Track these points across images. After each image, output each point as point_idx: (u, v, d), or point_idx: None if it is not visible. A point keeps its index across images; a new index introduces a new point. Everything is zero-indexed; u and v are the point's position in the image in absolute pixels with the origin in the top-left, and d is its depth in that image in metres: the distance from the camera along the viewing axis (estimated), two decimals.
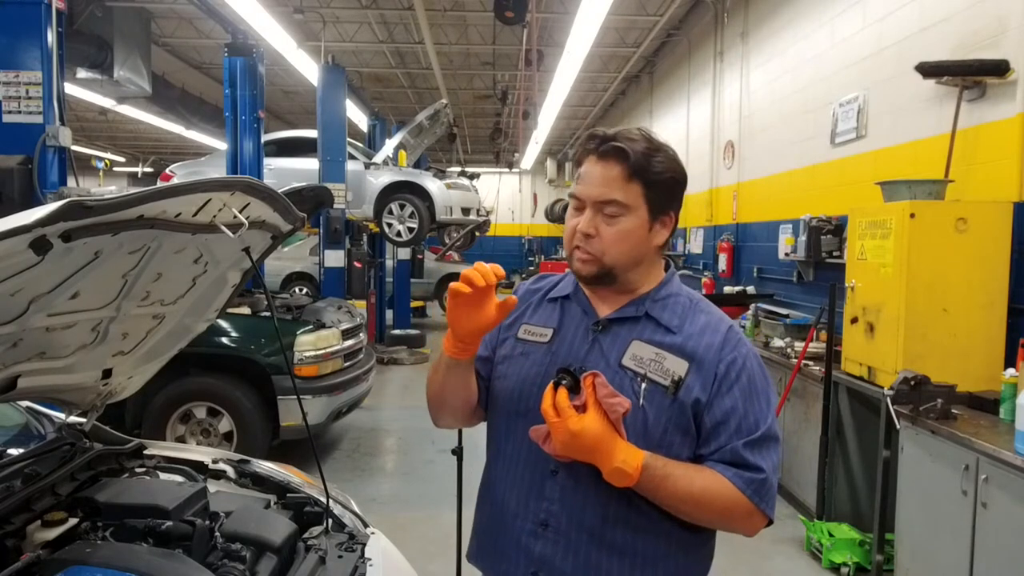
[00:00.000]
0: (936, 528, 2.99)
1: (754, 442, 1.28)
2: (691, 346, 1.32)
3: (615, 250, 1.32)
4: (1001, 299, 3.45)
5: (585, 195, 1.33)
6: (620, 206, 1.31)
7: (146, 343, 1.99)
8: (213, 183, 1.44)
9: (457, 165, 17.81)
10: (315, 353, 4.90)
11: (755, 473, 1.26)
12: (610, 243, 1.32)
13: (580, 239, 1.33)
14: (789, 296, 6.16)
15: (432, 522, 4.20)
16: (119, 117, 14.53)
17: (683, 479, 1.24)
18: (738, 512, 1.27)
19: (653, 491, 1.24)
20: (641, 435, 1.28)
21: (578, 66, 8.54)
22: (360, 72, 12.40)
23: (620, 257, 1.33)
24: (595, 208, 1.32)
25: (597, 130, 1.36)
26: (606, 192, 1.31)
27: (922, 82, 4.05)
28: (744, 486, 1.25)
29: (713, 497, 1.25)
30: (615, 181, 1.31)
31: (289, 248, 11.71)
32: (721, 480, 1.26)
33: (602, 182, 1.31)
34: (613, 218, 1.31)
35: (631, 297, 1.39)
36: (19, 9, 4.20)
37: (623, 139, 1.31)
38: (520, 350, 1.43)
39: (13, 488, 1.70)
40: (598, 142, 1.33)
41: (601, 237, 1.32)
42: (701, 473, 1.27)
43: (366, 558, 1.82)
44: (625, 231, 1.32)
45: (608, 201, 1.31)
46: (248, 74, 7.06)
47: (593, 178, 1.32)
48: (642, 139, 1.32)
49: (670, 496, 1.25)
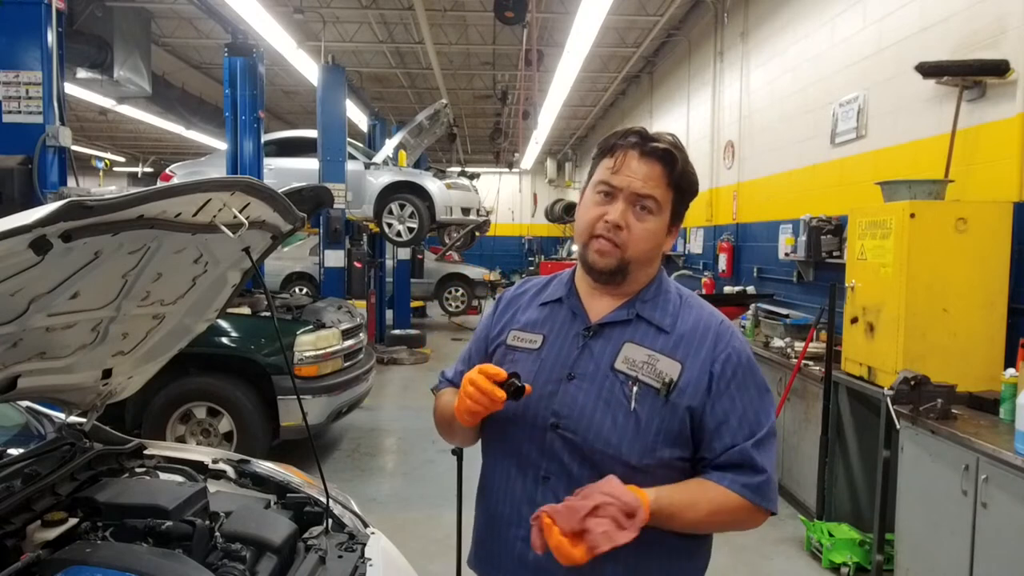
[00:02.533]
0: (936, 528, 2.99)
1: (760, 441, 1.29)
2: (683, 346, 1.32)
3: (639, 247, 1.33)
4: (1001, 299, 3.45)
5: (626, 185, 1.31)
6: (656, 204, 1.32)
7: (146, 343, 1.99)
8: (213, 183, 1.44)
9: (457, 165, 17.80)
10: (315, 353, 4.90)
11: (759, 476, 1.27)
12: (637, 239, 1.32)
13: (606, 228, 1.32)
14: (789, 296, 6.16)
15: (432, 522, 4.21)
16: (119, 117, 14.53)
17: (690, 511, 1.25)
18: (742, 516, 1.29)
19: (662, 527, 1.25)
20: (634, 438, 1.28)
21: (578, 66, 8.54)
22: (360, 72, 12.39)
23: (640, 255, 1.34)
24: (630, 201, 1.32)
25: (638, 128, 1.36)
26: (648, 187, 1.31)
27: (922, 82, 4.05)
28: (751, 494, 1.27)
29: (721, 515, 1.27)
30: (657, 181, 1.31)
31: (289, 248, 11.71)
32: (726, 495, 1.27)
33: (646, 177, 1.31)
34: (646, 214, 1.32)
35: (622, 299, 1.39)
36: (19, 9, 4.20)
37: (671, 144, 1.33)
38: (510, 357, 1.42)
39: (13, 488, 1.70)
40: (643, 140, 1.33)
41: (630, 230, 1.32)
42: (705, 494, 1.27)
43: (366, 558, 1.82)
44: (652, 231, 1.33)
45: (648, 196, 1.31)
46: (248, 74, 7.06)
47: (636, 172, 1.31)
48: (681, 149, 1.34)
49: (679, 527, 1.27)
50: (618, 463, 1.27)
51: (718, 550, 1.43)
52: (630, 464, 1.27)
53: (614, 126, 15.06)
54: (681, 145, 1.36)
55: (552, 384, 1.35)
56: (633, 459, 1.27)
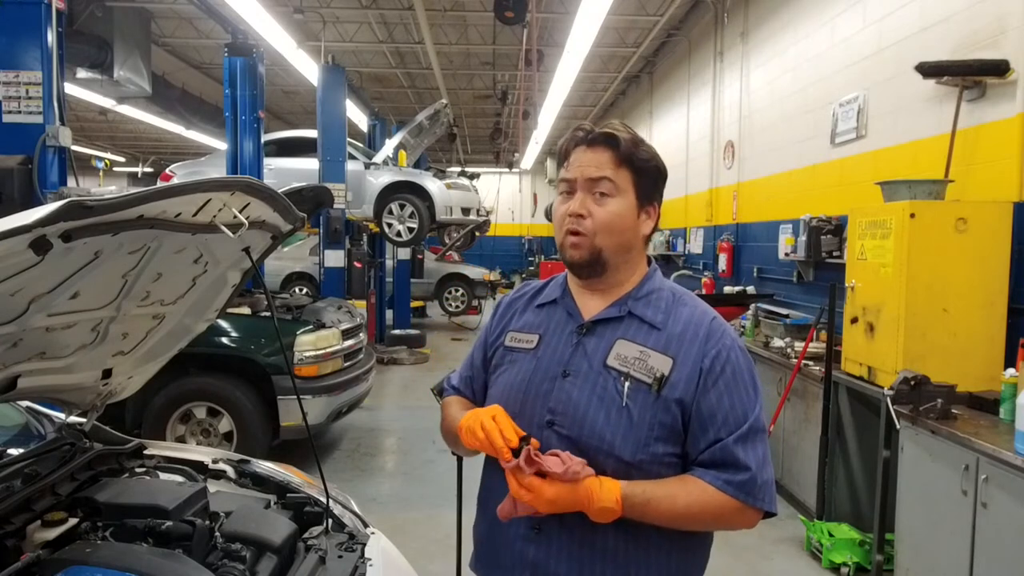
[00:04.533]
0: (936, 528, 2.99)
1: (743, 436, 1.28)
2: (675, 342, 1.33)
3: (606, 231, 1.35)
4: (1001, 299, 3.45)
5: (578, 175, 1.36)
6: (613, 184, 1.34)
7: (146, 343, 1.99)
8: (213, 183, 1.44)
9: (457, 165, 17.81)
10: (315, 353, 4.90)
11: (742, 473, 1.26)
12: (601, 223, 1.34)
13: (571, 221, 1.35)
14: (789, 296, 6.16)
15: (432, 522, 4.21)
16: (119, 117, 14.53)
17: (665, 500, 1.25)
18: (728, 514, 1.28)
19: (639, 517, 1.26)
20: (627, 433, 1.28)
21: (578, 66, 8.54)
22: (360, 72, 12.40)
23: (610, 240, 1.35)
24: (586, 187, 1.35)
25: (583, 124, 1.40)
26: (599, 171, 1.34)
27: (922, 82, 4.05)
28: (734, 491, 1.26)
29: (700, 510, 1.26)
30: (606, 164, 1.35)
31: (289, 248, 11.71)
32: (704, 489, 1.26)
33: (594, 164, 1.35)
34: (604, 197, 1.34)
35: (616, 296, 1.40)
36: (19, 9, 4.20)
37: (611, 128, 1.36)
38: (508, 358, 1.45)
39: (13, 488, 1.70)
40: (585, 132, 1.38)
41: (593, 216, 1.34)
42: (684, 487, 1.27)
43: (366, 558, 1.82)
44: (616, 212, 1.35)
45: (600, 178, 1.34)
46: (248, 74, 7.06)
47: (583, 160, 1.36)
48: (626, 129, 1.37)
49: (657, 519, 1.26)
50: (612, 459, 1.28)
51: (718, 550, 1.43)
52: (623, 459, 1.28)
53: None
54: (624, 127, 1.38)
55: (547, 382, 1.37)
56: (626, 455, 1.28)
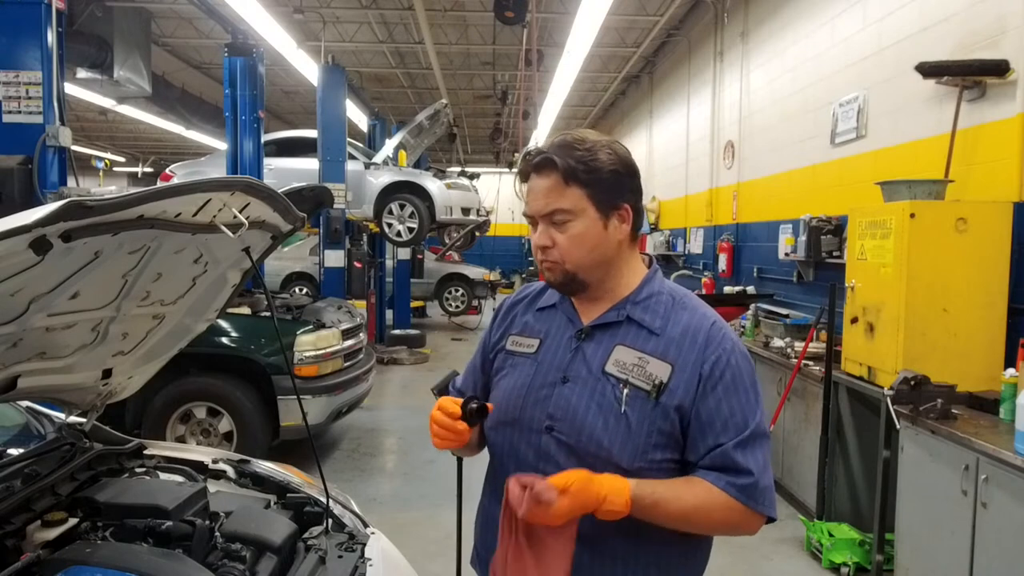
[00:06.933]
0: (936, 528, 2.99)
1: (744, 442, 1.27)
2: (674, 348, 1.32)
3: (573, 255, 1.35)
4: (1001, 299, 3.45)
5: (532, 211, 1.37)
6: (565, 212, 1.33)
7: (146, 343, 1.99)
8: (213, 183, 1.44)
9: (457, 165, 17.81)
10: (315, 353, 4.90)
11: (745, 477, 1.26)
12: (566, 250, 1.35)
13: (539, 252, 1.38)
14: (789, 296, 6.16)
15: (432, 522, 4.21)
16: (119, 117, 14.54)
17: (674, 502, 1.24)
18: (734, 518, 1.27)
19: (646, 518, 1.25)
20: (625, 440, 1.28)
21: (578, 66, 8.55)
22: (360, 72, 12.39)
23: (581, 261, 1.35)
24: (545, 220, 1.36)
25: (531, 148, 1.41)
26: (549, 203, 1.34)
27: (922, 82, 4.05)
28: (737, 493, 1.25)
29: (708, 512, 1.26)
30: (554, 190, 1.34)
31: (289, 248, 11.71)
32: (711, 491, 1.25)
33: (543, 194, 1.35)
34: (563, 225, 1.34)
35: (613, 302, 1.39)
36: (19, 9, 4.20)
37: (552, 148, 1.35)
38: (509, 362, 1.46)
39: (13, 488, 1.70)
40: (531, 156, 1.37)
41: (557, 246, 1.35)
42: (692, 489, 1.26)
43: (366, 558, 1.82)
44: (577, 235, 1.34)
45: (552, 212, 1.34)
46: (248, 74, 7.06)
47: (535, 192, 1.36)
48: (572, 142, 1.34)
49: (664, 520, 1.26)
50: (610, 465, 1.27)
51: (718, 550, 1.43)
52: (622, 467, 1.27)
53: (614, 126, 15.08)
54: (571, 139, 1.35)
55: (547, 388, 1.37)
56: (624, 461, 1.27)
